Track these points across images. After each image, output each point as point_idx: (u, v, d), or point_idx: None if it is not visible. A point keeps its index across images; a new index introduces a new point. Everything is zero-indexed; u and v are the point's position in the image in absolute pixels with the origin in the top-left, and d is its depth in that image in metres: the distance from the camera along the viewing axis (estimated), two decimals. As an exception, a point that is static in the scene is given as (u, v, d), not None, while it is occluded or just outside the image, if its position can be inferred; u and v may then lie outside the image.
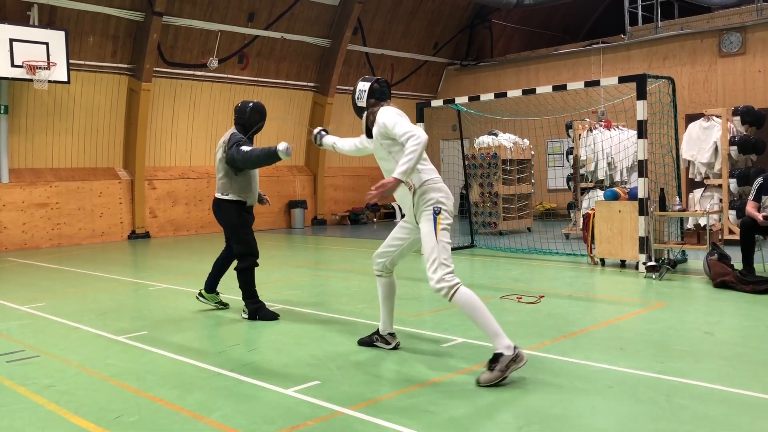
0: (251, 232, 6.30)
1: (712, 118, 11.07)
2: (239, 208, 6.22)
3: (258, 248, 6.31)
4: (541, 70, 18.37)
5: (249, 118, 6.29)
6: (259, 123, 6.34)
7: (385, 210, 19.42)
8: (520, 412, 3.64)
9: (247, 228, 6.27)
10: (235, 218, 6.21)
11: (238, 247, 6.22)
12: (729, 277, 7.04)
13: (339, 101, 18.28)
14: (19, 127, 13.48)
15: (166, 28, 14.64)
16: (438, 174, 4.65)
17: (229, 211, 6.21)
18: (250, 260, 6.22)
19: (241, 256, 6.22)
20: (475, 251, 11.25)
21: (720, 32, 15.20)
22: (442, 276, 4.23)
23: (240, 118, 6.32)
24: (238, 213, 6.22)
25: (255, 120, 6.31)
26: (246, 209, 6.29)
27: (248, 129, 6.32)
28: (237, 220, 6.22)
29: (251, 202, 6.33)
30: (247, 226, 6.28)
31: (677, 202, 8.58)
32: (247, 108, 6.32)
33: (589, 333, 5.40)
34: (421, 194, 4.48)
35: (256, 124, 6.33)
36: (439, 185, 4.53)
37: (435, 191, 4.49)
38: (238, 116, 6.33)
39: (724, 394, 3.85)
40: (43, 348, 5.36)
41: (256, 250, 6.28)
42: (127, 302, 7.44)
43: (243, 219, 6.24)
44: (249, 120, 6.30)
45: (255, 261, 6.26)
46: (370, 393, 4.02)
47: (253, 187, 6.32)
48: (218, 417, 3.69)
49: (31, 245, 13.47)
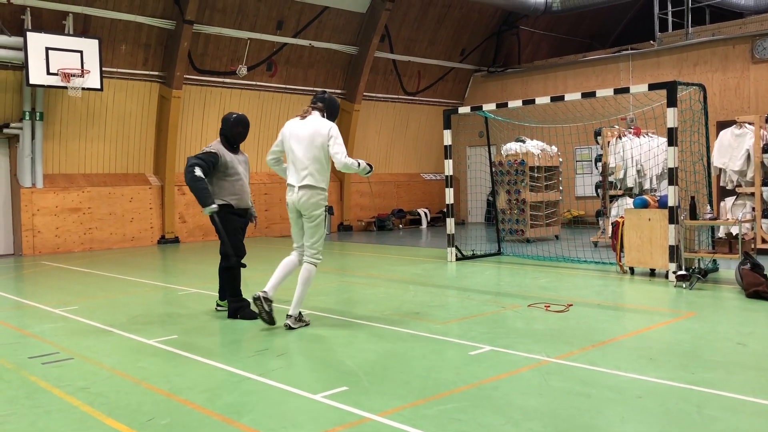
0: (238, 234, 6.57)
1: (744, 125, 10.90)
2: (226, 211, 6.46)
3: (245, 250, 6.63)
4: (569, 77, 18.25)
5: (231, 129, 6.59)
6: (242, 134, 6.66)
7: (411, 216, 19.44)
8: (548, 421, 3.63)
9: (233, 231, 6.53)
10: (224, 221, 6.46)
11: (223, 247, 6.53)
12: (762, 287, 6.92)
13: (366, 108, 18.36)
14: (53, 134, 13.77)
15: (197, 36, 14.86)
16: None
17: (217, 215, 6.44)
18: (233, 261, 6.50)
19: (225, 255, 6.54)
20: (502, 259, 11.20)
21: (753, 38, 14.97)
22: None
23: (224, 129, 6.62)
24: (227, 216, 6.47)
25: (238, 131, 6.63)
26: (235, 212, 6.53)
27: (231, 140, 6.62)
28: (226, 223, 6.47)
29: (239, 205, 6.56)
30: (236, 229, 6.54)
31: (708, 211, 8.46)
32: (230, 120, 6.61)
33: (618, 342, 5.35)
34: None
35: (239, 136, 6.65)
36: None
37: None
38: (223, 127, 6.64)
39: (758, 406, 3.79)
40: (77, 350, 5.47)
41: (240, 251, 6.56)
42: (157, 306, 7.54)
43: (231, 221, 6.50)
44: (232, 131, 6.60)
45: (239, 262, 6.54)
46: (398, 400, 4.03)
47: (239, 189, 6.55)
48: (247, 421, 3.73)
49: (63, 249, 13.73)
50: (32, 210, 13.39)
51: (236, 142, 6.66)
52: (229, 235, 6.50)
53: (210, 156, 6.38)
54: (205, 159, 6.34)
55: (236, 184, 6.53)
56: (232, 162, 6.50)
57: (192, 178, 6.25)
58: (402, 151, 20.01)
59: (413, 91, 19.64)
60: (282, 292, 6.56)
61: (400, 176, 19.96)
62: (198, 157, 6.36)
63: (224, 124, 6.62)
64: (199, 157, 6.37)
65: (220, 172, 6.44)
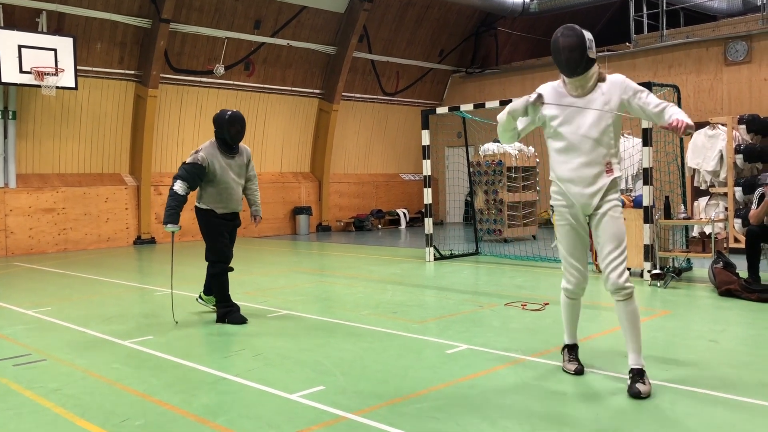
0: (224, 239, 6.41)
1: (717, 126, 11.07)
2: (211, 216, 6.35)
3: (231, 254, 6.47)
4: (546, 78, 18.03)
5: (229, 129, 6.27)
6: (240, 132, 6.33)
7: (390, 217, 19.45)
8: (524, 419, 3.65)
9: (219, 236, 6.38)
10: (206, 226, 6.37)
11: (208, 254, 6.42)
12: (734, 285, 7.03)
13: (344, 108, 18.34)
14: (27, 133, 13.56)
15: (173, 35, 14.73)
16: None
17: (201, 219, 6.40)
18: (219, 267, 6.39)
19: (212, 262, 6.42)
20: (480, 258, 11.25)
21: (725, 41, 15.20)
22: (628, 275, 4.07)
23: (219, 131, 6.30)
24: (209, 221, 6.36)
25: (236, 130, 6.30)
26: (220, 217, 6.38)
27: (230, 141, 6.32)
28: (207, 228, 6.37)
29: (224, 211, 6.39)
30: (219, 233, 6.39)
31: (682, 210, 8.57)
32: (225, 119, 6.27)
33: (593, 340, 5.40)
34: (615, 186, 4.18)
35: (238, 135, 6.32)
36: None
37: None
38: (217, 129, 6.31)
39: (730, 402, 3.85)
40: (50, 352, 5.39)
41: (227, 256, 6.43)
42: (133, 307, 7.46)
43: (213, 226, 6.37)
44: (229, 132, 6.28)
45: (225, 267, 6.42)
46: (375, 399, 4.03)
47: (225, 198, 6.35)
48: (223, 421, 3.71)
49: (37, 250, 13.53)
50: (5, 210, 13.17)
51: (235, 142, 6.35)
52: (212, 241, 6.36)
53: (195, 168, 6.17)
54: (190, 172, 6.16)
55: (223, 193, 6.33)
56: (221, 170, 6.26)
57: (170, 192, 6.18)
58: (381, 152, 20.01)
59: (392, 91, 19.66)
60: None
61: (379, 176, 19.96)
62: (184, 169, 6.18)
63: (218, 126, 6.27)
64: (185, 169, 6.17)
65: (207, 179, 6.27)
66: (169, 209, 6.15)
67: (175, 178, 6.19)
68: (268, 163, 17.40)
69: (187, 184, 6.16)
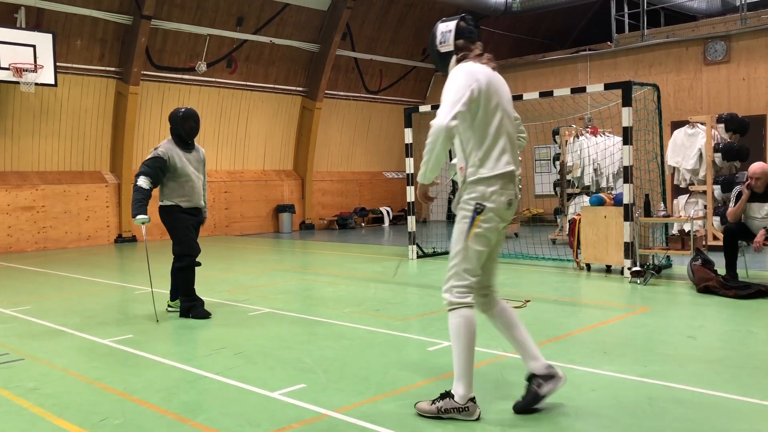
0: (189, 233, 6.45)
1: (696, 125, 11.19)
2: (175, 211, 6.39)
3: (199, 248, 6.49)
4: (528, 77, 18.48)
5: (183, 125, 6.41)
6: (195, 128, 6.47)
7: (373, 215, 19.45)
8: (505, 416, 3.67)
9: (186, 230, 6.42)
10: (174, 221, 6.39)
11: (175, 248, 6.45)
12: (712, 282, 7.11)
13: (327, 106, 18.30)
14: (5, 130, 13.40)
15: (155, 32, 14.61)
16: (506, 164, 3.71)
17: (166, 217, 6.42)
18: (187, 260, 6.43)
19: (178, 256, 6.45)
20: (463, 256, 11.26)
21: (705, 40, 15.37)
22: (452, 286, 3.65)
23: (174, 128, 6.44)
24: (175, 216, 6.39)
25: (190, 126, 6.44)
26: (186, 211, 6.43)
27: (185, 137, 6.45)
28: (175, 223, 6.40)
29: (188, 205, 6.44)
30: (186, 228, 6.43)
31: (662, 208, 8.66)
32: (179, 116, 6.42)
33: (574, 337, 5.44)
34: (465, 188, 3.72)
35: (192, 131, 6.46)
36: (491, 179, 3.63)
37: (484, 184, 3.63)
38: (172, 125, 6.45)
39: (705, 397, 3.90)
40: (28, 351, 5.33)
41: (195, 249, 6.45)
42: (113, 306, 7.40)
43: (181, 221, 6.40)
44: (183, 127, 6.42)
45: (192, 261, 6.45)
46: (357, 396, 4.03)
47: (188, 190, 6.43)
48: (203, 420, 3.69)
49: (16, 248, 13.37)
50: (-17, 208, 13.01)
51: (190, 138, 6.49)
52: (180, 235, 6.41)
53: (156, 161, 6.26)
54: (152, 166, 6.24)
55: (185, 186, 6.40)
56: (181, 163, 6.37)
57: (134, 188, 6.25)
58: (364, 150, 20.00)
59: (375, 89, 19.65)
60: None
61: (362, 174, 19.95)
62: (146, 164, 6.27)
63: (173, 122, 6.43)
64: (147, 164, 6.26)
65: (169, 173, 6.35)
66: (136, 202, 6.19)
67: (138, 175, 6.25)
68: (251, 161, 17.33)
69: (150, 179, 6.22)
